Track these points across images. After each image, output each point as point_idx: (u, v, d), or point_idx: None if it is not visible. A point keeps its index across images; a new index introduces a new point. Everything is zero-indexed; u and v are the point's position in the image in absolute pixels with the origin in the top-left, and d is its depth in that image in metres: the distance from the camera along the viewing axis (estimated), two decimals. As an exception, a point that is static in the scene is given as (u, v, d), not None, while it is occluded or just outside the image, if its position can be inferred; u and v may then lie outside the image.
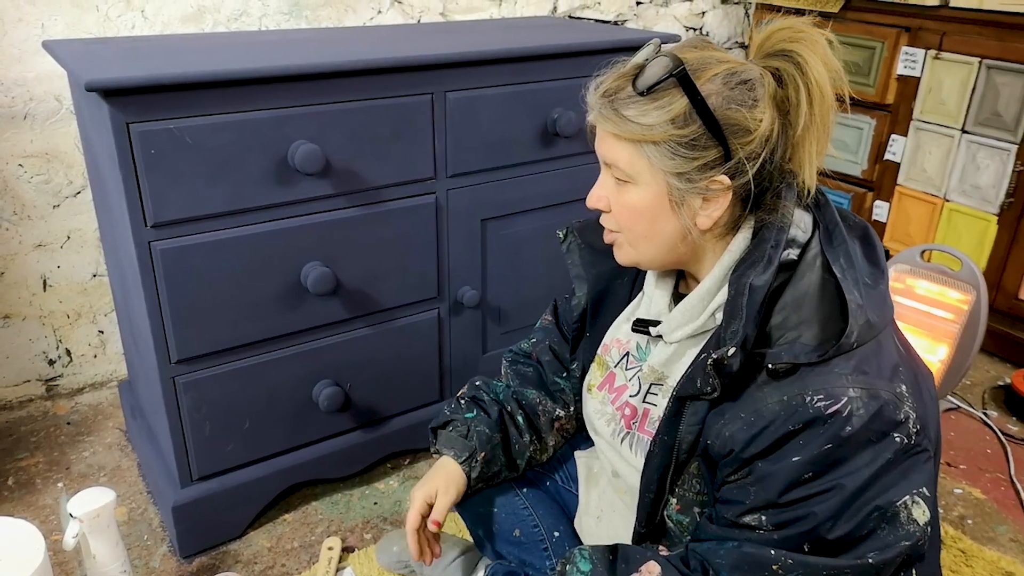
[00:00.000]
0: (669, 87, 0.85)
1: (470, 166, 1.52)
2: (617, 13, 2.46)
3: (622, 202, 0.92)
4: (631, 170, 0.89)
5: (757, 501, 0.84)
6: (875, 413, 0.81)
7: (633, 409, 1.03)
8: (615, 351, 1.09)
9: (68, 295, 1.90)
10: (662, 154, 0.86)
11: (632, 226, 0.93)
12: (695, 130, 0.85)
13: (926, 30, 2.16)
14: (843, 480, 0.82)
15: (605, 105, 0.89)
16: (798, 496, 0.83)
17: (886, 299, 0.90)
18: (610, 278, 1.12)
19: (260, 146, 1.27)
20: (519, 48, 1.51)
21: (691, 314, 0.94)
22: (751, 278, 0.86)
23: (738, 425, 0.85)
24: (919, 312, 1.90)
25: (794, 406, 0.82)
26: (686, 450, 0.91)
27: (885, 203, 2.36)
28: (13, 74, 1.68)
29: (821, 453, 0.81)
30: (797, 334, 0.85)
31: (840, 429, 0.81)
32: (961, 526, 1.58)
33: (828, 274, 0.88)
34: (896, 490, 0.83)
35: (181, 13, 1.80)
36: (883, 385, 0.83)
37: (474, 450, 1.13)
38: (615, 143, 0.89)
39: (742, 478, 0.86)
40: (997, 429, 1.88)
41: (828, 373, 0.82)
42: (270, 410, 1.46)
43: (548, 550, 1.19)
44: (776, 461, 0.83)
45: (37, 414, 1.88)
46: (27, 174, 1.76)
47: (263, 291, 1.36)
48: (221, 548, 1.49)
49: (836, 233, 0.91)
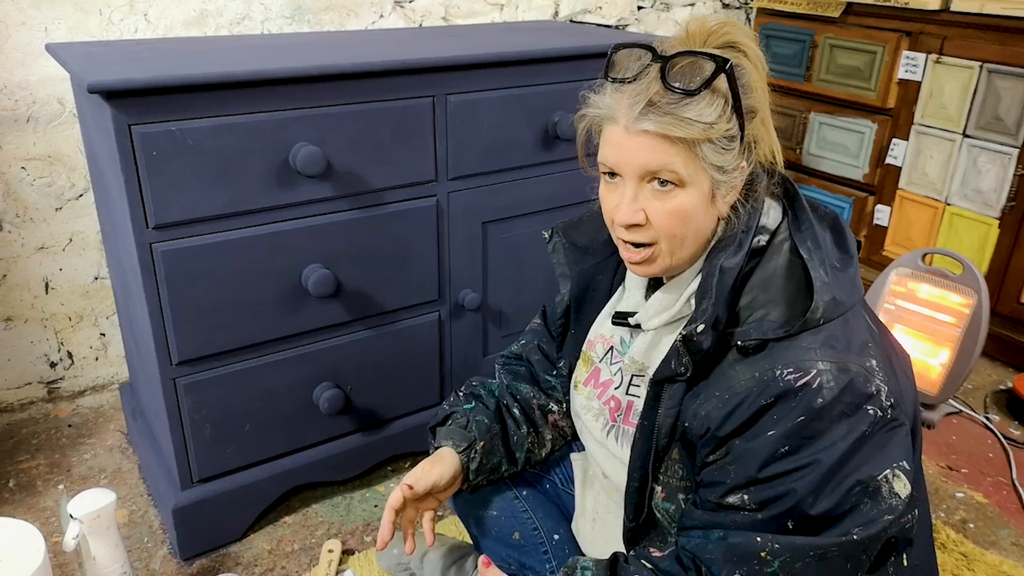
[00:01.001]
0: (718, 84, 0.86)
1: (471, 169, 1.52)
2: (619, 18, 2.47)
3: (669, 209, 0.88)
4: (685, 172, 0.86)
5: (738, 479, 0.86)
6: (845, 385, 0.83)
7: (618, 402, 1.04)
8: (599, 346, 1.10)
9: (70, 298, 1.90)
10: (713, 150, 0.87)
11: (679, 231, 0.89)
12: (735, 121, 0.87)
13: (927, 34, 2.16)
14: (820, 455, 0.83)
15: (656, 114, 0.85)
16: (777, 471, 0.84)
17: (855, 281, 0.92)
18: (592, 274, 1.13)
19: (262, 148, 1.27)
20: (520, 51, 1.51)
21: (667, 301, 0.96)
22: (721, 260, 0.89)
23: (713, 404, 0.87)
24: (921, 316, 1.90)
25: (765, 381, 0.84)
26: (666, 435, 0.92)
27: (886, 207, 2.36)
28: (16, 77, 1.68)
29: (795, 426, 0.83)
30: (765, 312, 0.87)
31: (812, 401, 0.82)
32: (963, 530, 1.58)
33: (795, 256, 0.90)
34: (875, 463, 0.84)
35: (183, 17, 1.81)
36: (852, 359, 0.85)
37: (473, 440, 1.13)
38: (667, 148, 0.86)
39: (720, 458, 0.88)
40: (999, 433, 1.88)
41: (796, 347, 0.85)
42: (271, 412, 1.46)
43: (548, 553, 1.19)
44: (752, 437, 0.85)
45: (38, 416, 1.89)
46: (29, 177, 1.76)
47: (264, 293, 1.36)
48: (221, 550, 1.49)
49: (804, 219, 0.94)
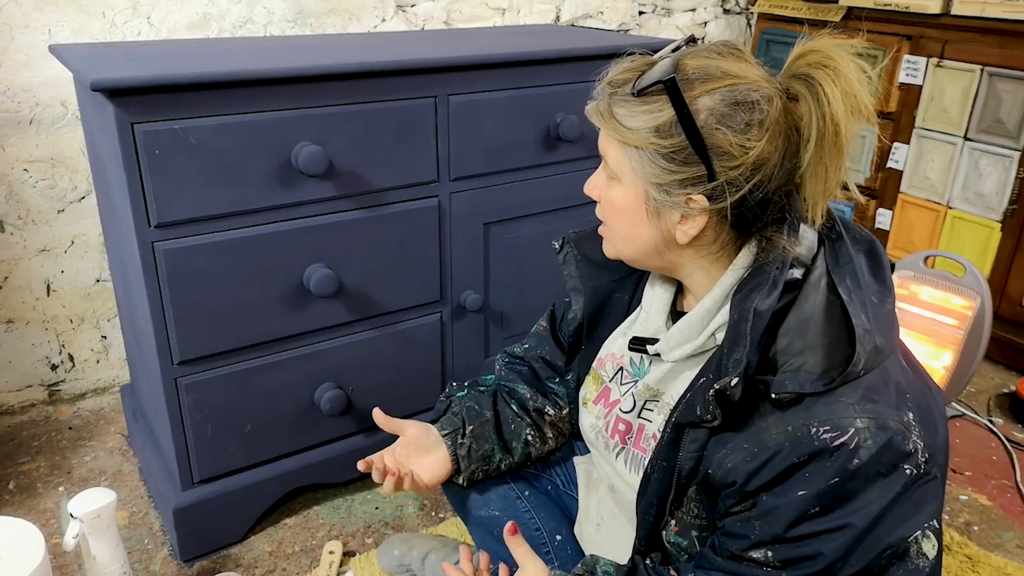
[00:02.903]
0: (661, 93, 0.81)
1: (473, 170, 1.52)
2: (620, 23, 2.48)
3: (608, 197, 0.92)
4: (616, 168, 0.88)
5: (763, 536, 0.82)
6: (884, 445, 0.78)
7: (628, 424, 1.01)
8: (609, 365, 1.07)
9: (71, 300, 1.90)
10: (642, 160, 0.84)
11: (613, 223, 0.93)
12: (678, 143, 0.82)
13: (928, 38, 2.17)
14: (852, 518, 0.79)
15: (604, 97, 0.88)
16: (805, 532, 0.80)
17: (893, 319, 0.87)
18: (608, 292, 1.09)
19: (264, 147, 1.28)
20: (521, 52, 1.52)
21: (690, 333, 0.91)
22: (755, 302, 0.82)
23: (741, 456, 0.82)
24: (923, 318, 1.90)
25: (799, 437, 0.79)
26: (686, 475, 0.88)
27: (888, 211, 2.36)
28: (20, 79, 1.69)
29: (828, 487, 0.78)
30: (802, 360, 0.81)
31: (848, 462, 0.78)
32: (967, 532, 1.57)
33: (834, 295, 0.84)
34: (907, 526, 0.80)
35: (187, 20, 1.82)
36: (891, 414, 0.80)
37: (461, 424, 1.12)
38: (607, 137, 0.88)
39: (746, 510, 0.83)
40: (1002, 436, 1.87)
41: (834, 403, 0.79)
42: (272, 413, 1.45)
43: (550, 553, 1.18)
44: (781, 495, 0.80)
45: (39, 419, 1.88)
46: (32, 179, 1.77)
47: (266, 293, 1.36)
48: (222, 552, 1.48)
49: (842, 251, 0.88)
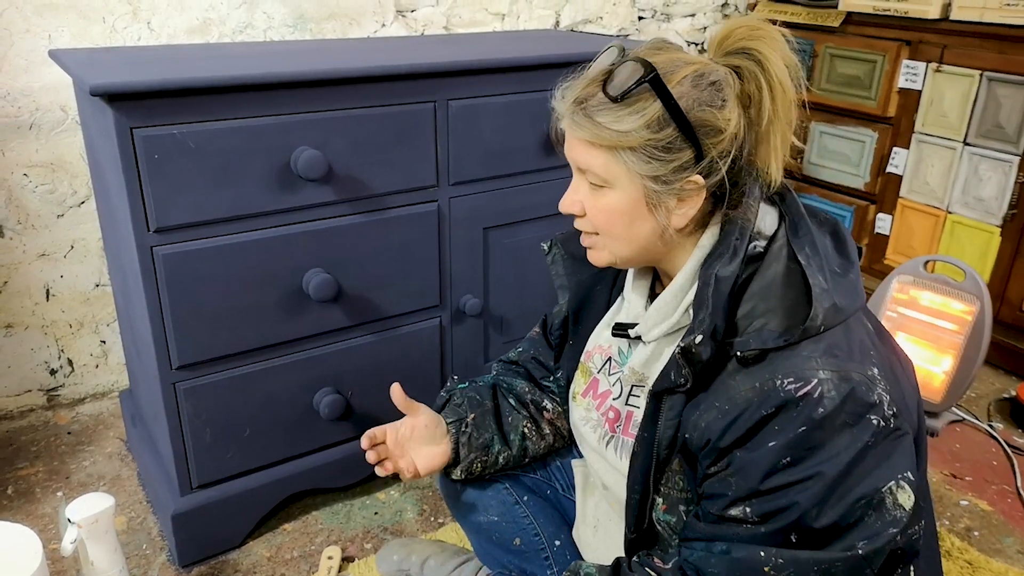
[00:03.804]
0: (643, 92, 0.84)
1: (472, 174, 1.52)
2: (619, 28, 2.48)
3: (599, 206, 0.92)
4: (607, 175, 0.89)
5: (740, 491, 0.85)
6: (847, 395, 0.82)
7: (617, 412, 1.03)
8: (598, 357, 1.09)
9: (71, 305, 1.90)
10: (639, 159, 0.86)
11: (610, 229, 0.93)
12: (670, 133, 0.85)
13: (927, 43, 2.17)
14: (822, 467, 0.82)
15: (577, 112, 0.88)
16: (779, 483, 0.83)
17: (856, 287, 0.91)
18: (591, 285, 1.13)
19: (263, 152, 1.28)
20: (521, 57, 1.52)
21: (665, 311, 0.95)
22: (716, 269, 0.88)
23: (713, 415, 0.86)
24: (923, 323, 1.89)
25: (766, 391, 0.83)
26: (666, 446, 0.92)
27: (888, 216, 2.36)
28: (20, 84, 1.69)
29: (797, 436, 0.82)
30: (764, 321, 0.86)
31: (813, 411, 0.81)
32: (968, 538, 1.57)
33: (794, 263, 0.89)
34: (879, 475, 0.83)
35: (187, 25, 1.82)
36: (853, 367, 0.84)
37: (464, 413, 1.15)
38: (589, 149, 0.89)
39: (722, 470, 0.87)
40: (1003, 441, 1.87)
41: (796, 356, 0.83)
42: (271, 418, 1.45)
43: (549, 559, 1.18)
44: (753, 448, 0.84)
45: (38, 424, 1.88)
46: (32, 183, 1.77)
47: (265, 297, 1.36)
48: (220, 557, 1.48)
49: (801, 224, 0.92)
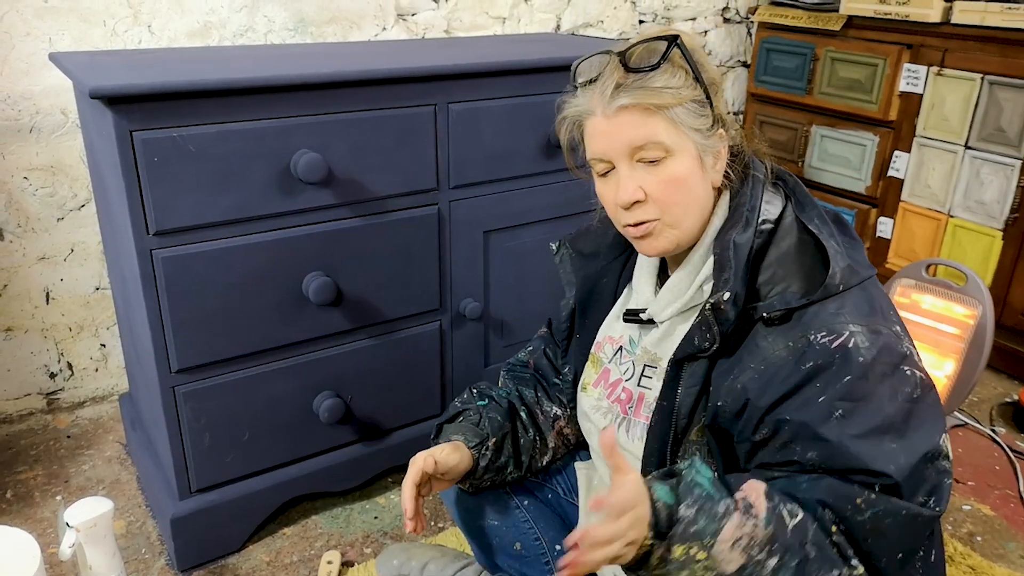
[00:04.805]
0: (674, 55, 0.91)
1: (472, 178, 1.52)
2: (620, 32, 2.48)
3: (664, 179, 0.91)
4: (670, 139, 0.91)
5: (810, 456, 0.84)
6: (881, 346, 0.85)
7: (629, 394, 1.04)
8: (608, 347, 1.10)
9: (70, 308, 1.90)
10: (687, 114, 0.91)
11: (678, 199, 0.92)
12: (700, 91, 0.92)
13: (928, 47, 2.17)
14: (875, 419, 0.83)
15: (628, 88, 0.90)
16: (837, 436, 0.83)
17: (866, 260, 0.94)
18: (597, 278, 1.15)
19: (263, 155, 1.27)
20: (521, 60, 1.52)
21: (679, 289, 0.97)
22: (732, 236, 0.91)
23: (749, 375, 0.87)
24: (925, 327, 1.89)
25: (800, 348, 0.85)
26: (686, 415, 0.92)
27: (889, 219, 2.35)
28: (20, 87, 1.69)
29: (843, 387, 0.83)
30: (786, 285, 0.89)
31: (853, 361, 0.83)
32: (970, 543, 1.56)
33: (805, 234, 0.93)
34: (934, 429, 0.85)
35: (187, 29, 1.82)
36: (879, 322, 0.87)
37: (486, 436, 1.12)
38: (646, 120, 0.90)
39: (772, 436, 0.87)
40: (1005, 446, 1.86)
41: (824, 313, 0.86)
42: (270, 421, 1.45)
43: (549, 564, 1.18)
44: (802, 408, 0.84)
45: (37, 427, 1.88)
46: (32, 187, 1.77)
47: (264, 300, 1.36)
48: (219, 562, 1.47)
49: (807, 202, 0.96)
